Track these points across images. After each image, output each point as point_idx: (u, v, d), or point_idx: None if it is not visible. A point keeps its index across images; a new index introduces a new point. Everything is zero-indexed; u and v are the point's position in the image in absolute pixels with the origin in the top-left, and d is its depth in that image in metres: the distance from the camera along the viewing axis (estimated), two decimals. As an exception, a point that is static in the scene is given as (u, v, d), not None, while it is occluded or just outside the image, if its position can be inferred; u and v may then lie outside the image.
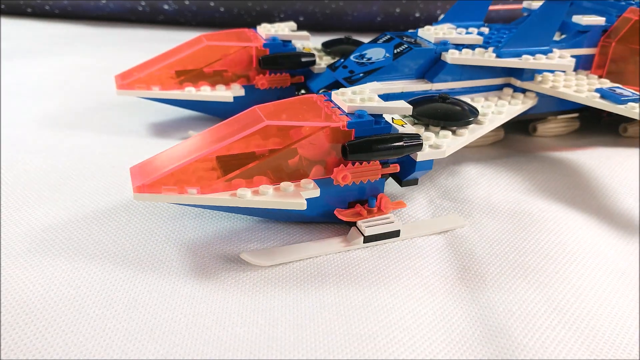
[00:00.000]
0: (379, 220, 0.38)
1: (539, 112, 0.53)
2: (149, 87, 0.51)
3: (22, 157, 0.47)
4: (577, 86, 0.49)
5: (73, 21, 0.94)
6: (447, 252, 0.38)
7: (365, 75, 0.47)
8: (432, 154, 0.39)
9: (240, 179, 0.34)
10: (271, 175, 0.35)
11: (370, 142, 0.35)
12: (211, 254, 0.36)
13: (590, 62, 0.55)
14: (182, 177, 0.33)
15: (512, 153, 0.52)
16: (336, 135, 0.36)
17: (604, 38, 0.54)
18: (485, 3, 0.57)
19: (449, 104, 0.43)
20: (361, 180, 0.37)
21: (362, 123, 0.35)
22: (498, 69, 0.49)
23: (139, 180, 0.33)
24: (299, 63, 0.53)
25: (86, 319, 0.30)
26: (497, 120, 0.45)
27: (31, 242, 0.36)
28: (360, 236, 0.37)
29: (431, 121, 0.42)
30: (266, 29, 0.55)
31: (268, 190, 0.34)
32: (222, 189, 0.34)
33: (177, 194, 0.33)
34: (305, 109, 0.37)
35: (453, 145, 0.40)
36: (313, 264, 0.36)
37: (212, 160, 0.35)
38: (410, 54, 0.47)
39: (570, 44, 0.53)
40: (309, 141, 0.36)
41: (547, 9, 0.48)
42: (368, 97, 0.37)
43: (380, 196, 0.38)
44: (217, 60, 0.53)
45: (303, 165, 0.36)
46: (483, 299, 0.33)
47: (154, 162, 0.35)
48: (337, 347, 0.29)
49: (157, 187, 0.33)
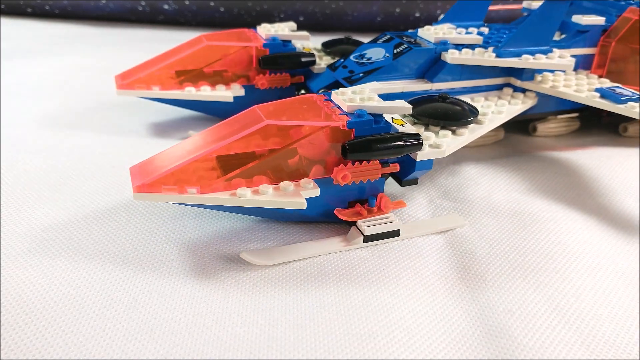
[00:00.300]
0: (379, 219, 0.38)
1: (539, 112, 0.53)
2: (149, 87, 0.51)
3: (22, 157, 0.47)
4: (577, 86, 0.49)
5: (73, 21, 0.94)
6: (447, 251, 0.38)
7: (365, 75, 0.47)
8: (432, 154, 0.39)
9: (240, 178, 0.34)
10: (271, 174, 0.35)
11: (370, 142, 0.35)
12: (211, 254, 0.36)
13: (590, 62, 0.55)
14: (182, 177, 0.33)
15: (512, 153, 0.52)
16: (336, 135, 0.36)
17: (604, 38, 0.54)
18: (485, 3, 0.57)
19: (448, 104, 0.43)
20: (361, 179, 0.37)
21: (362, 122, 0.35)
22: (498, 68, 0.49)
23: (139, 179, 0.33)
24: (299, 63, 0.53)
25: (86, 319, 0.30)
26: (497, 119, 0.45)
27: (31, 242, 0.36)
28: (360, 236, 0.37)
29: (431, 121, 0.42)
30: (266, 29, 0.55)
31: (268, 189, 0.34)
32: (222, 188, 0.34)
33: (177, 193, 0.33)
34: (305, 108, 0.37)
35: (453, 144, 0.40)
36: (313, 263, 0.36)
37: (212, 159, 0.35)
38: (410, 53, 0.47)
39: (570, 44, 0.53)
40: (308, 141, 0.36)
41: (546, 9, 0.48)
42: (368, 97, 0.37)
43: (380, 196, 0.38)
44: (217, 60, 0.53)
45: (303, 164, 0.36)
46: (483, 298, 0.33)
47: (153, 161, 0.35)
48: (337, 347, 0.29)
49: (157, 187, 0.33)
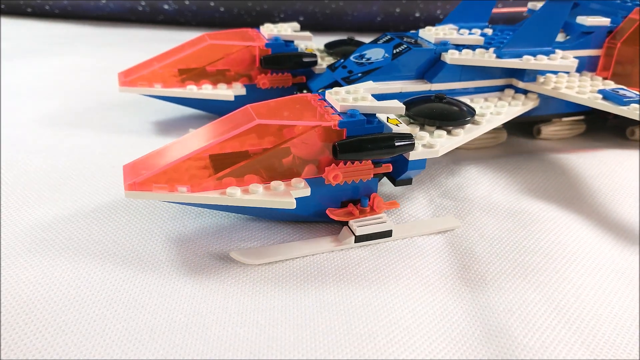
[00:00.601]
0: (371, 220, 0.38)
1: (543, 114, 0.52)
2: (151, 85, 0.51)
3: (22, 157, 0.47)
4: (579, 87, 0.49)
5: (73, 21, 0.94)
6: (447, 251, 0.38)
7: (364, 75, 0.47)
8: (425, 153, 0.38)
9: (231, 177, 0.34)
10: (263, 174, 0.35)
11: (360, 142, 0.35)
12: (211, 253, 0.36)
13: (596, 64, 0.54)
14: (174, 176, 0.33)
15: (513, 153, 0.52)
16: (328, 135, 0.36)
17: (609, 39, 0.53)
18: (489, 4, 0.57)
19: (445, 104, 0.43)
20: (353, 179, 0.37)
21: (354, 122, 0.35)
22: (499, 69, 0.49)
23: (131, 178, 0.33)
24: (301, 63, 0.53)
25: (86, 319, 0.30)
26: (495, 120, 0.45)
27: (31, 242, 0.36)
28: (352, 236, 0.37)
29: (427, 121, 0.42)
30: (269, 29, 0.55)
31: (258, 189, 0.34)
32: (212, 187, 0.34)
33: (168, 192, 0.33)
34: (298, 108, 0.37)
35: (447, 144, 0.40)
36: (313, 263, 0.36)
37: (204, 158, 0.35)
38: (409, 54, 0.47)
39: (575, 45, 0.53)
40: (300, 140, 0.36)
41: (549, 9, 0.48)
42: (361, 97, 0.37)
43: (373, 196, 0.38)
44: (220, 59, 0.53)
45: (296, 164, 0.36)
46: (483, 298, 0.33)
47: (146, 160, 0.35)
48: (337, 347, 0.29)
49: (148, 185, 0.33)
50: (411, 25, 0.94)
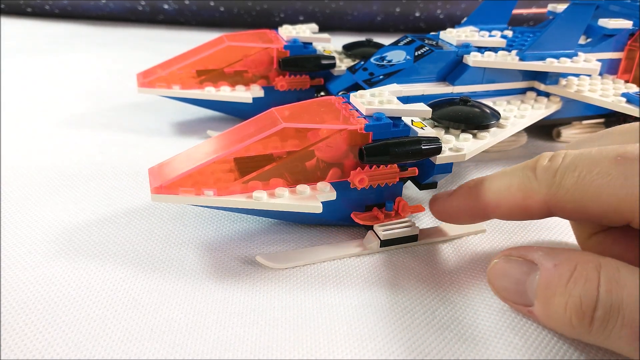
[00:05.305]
0: (396, 224, 0.37)
1: (564, 117, 0.52)
2: (170, 86, 0.51)
3: (22, 157, 0.47)
4: (602, 90, 0.48)
5: (73, 21, 0.95)
6: (450, 251, 0.37)
7: (385, 77, 0.46)
8: (451, 157, 0.38)
9: (256, 181, 0.34)
10: (288, 177, 0.35)
11: (387, 146, 0.35)
12: (211, 254, 0.36)
13: (617, 67, 0.54)
14: (200, 179, 0.33)
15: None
16: (354, 138, 0.35)
17: (631, 42, 0.53)
18: (510, 4, 0.56)
19: (470, 107, 0.42)
20: (378, 183, 0.36)
21: (380, 126, 0.35)
22: (521, 72, 0.49)
23: (157, 181, 0.33)
24: (319, 65, 0.52)
25: (86, 319, 0.30)
26: (520, 124, 0.45)
27: (31, 243, 0.36)
28: (377, 240, 0.36)
29: (451, 124, 0.41)
30: (287, 31, 0.55)
31: (284, 192, 0.34)
32: (238, 191, 0.33)
33: (194, 195, 0.32)
34: (323, 111, 0.37)
35: (473, 148, 0.40)
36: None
37: (229, 162, 0.35)
38: (431, 56, 0.47)
39: (596, 48, 0.52)
40: (326, 144, 0.35)
41: (572, 12, 0.47)
42: (387, 100, 0.37)
43: (398, 199, 0.38)
44: (238, 61, 0.53)
45: (320, 167, 0.36)
46: (486, 298, 0.33)
47: (172, 163, 0.35)
48: (337, 346, 0.29)
49: (175, 189, 0.32)
50: (411, 25, 0.94)
